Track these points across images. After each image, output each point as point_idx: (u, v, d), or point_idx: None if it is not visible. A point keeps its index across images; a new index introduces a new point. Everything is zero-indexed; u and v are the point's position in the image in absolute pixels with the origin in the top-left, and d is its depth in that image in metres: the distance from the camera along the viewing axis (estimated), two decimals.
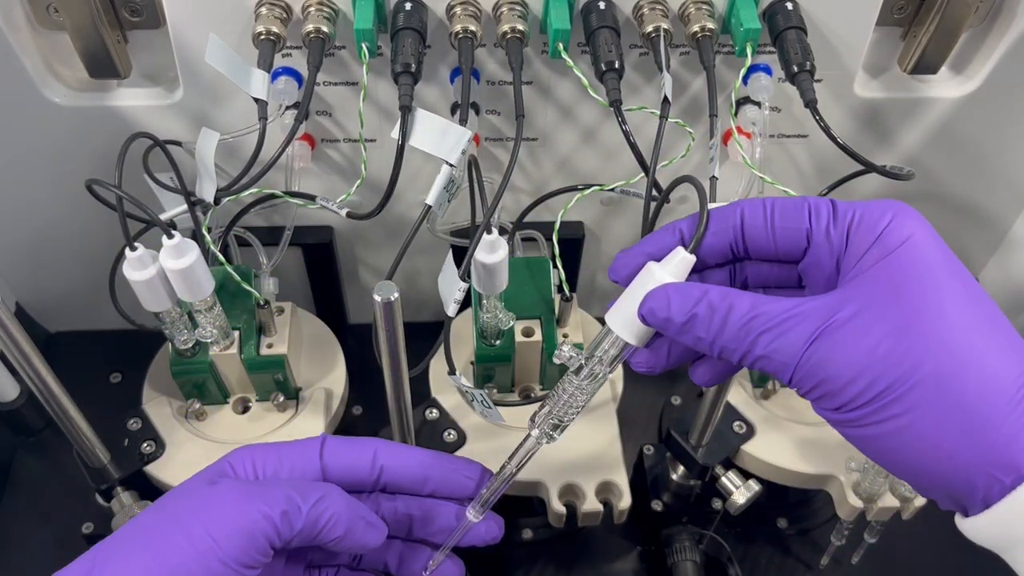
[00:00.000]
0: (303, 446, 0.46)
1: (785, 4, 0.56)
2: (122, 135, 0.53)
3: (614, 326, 0.39)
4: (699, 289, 0.36)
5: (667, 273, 0.37)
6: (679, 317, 0.36)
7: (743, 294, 0.36)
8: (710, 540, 0.68)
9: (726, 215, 0.37)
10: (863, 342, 0.33)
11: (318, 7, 0.54)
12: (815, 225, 0.36)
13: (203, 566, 0.39)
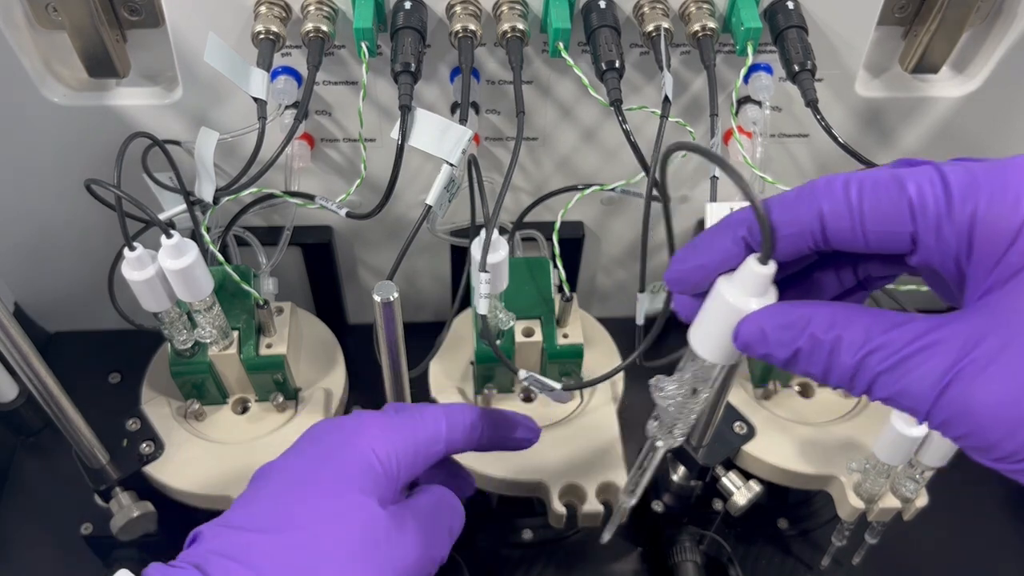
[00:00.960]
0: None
1: (786, 3, 0.56)
2: (121, 135, 0.53)
3: (702, 352, 0.32)
4: (798, 316, 0.29)
5: (746, 295, 0.30)
6: (780, 353, 0.30)
7: (853, 317, 0.28)
8: (711, 541, 0.68)
9: (800, 216, 0.29)
10: (1018, 386, 0.26)
11: (317, 6, 0.54)
12: (921, 226, 0.28)
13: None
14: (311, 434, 0.46)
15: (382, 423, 0.45)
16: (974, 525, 0.73)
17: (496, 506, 0.71)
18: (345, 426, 0.45)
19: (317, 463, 0.43)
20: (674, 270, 0.33)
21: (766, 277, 0.29)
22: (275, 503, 0.42)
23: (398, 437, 0.45)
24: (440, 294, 0.81)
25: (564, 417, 0.65)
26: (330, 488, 0.42)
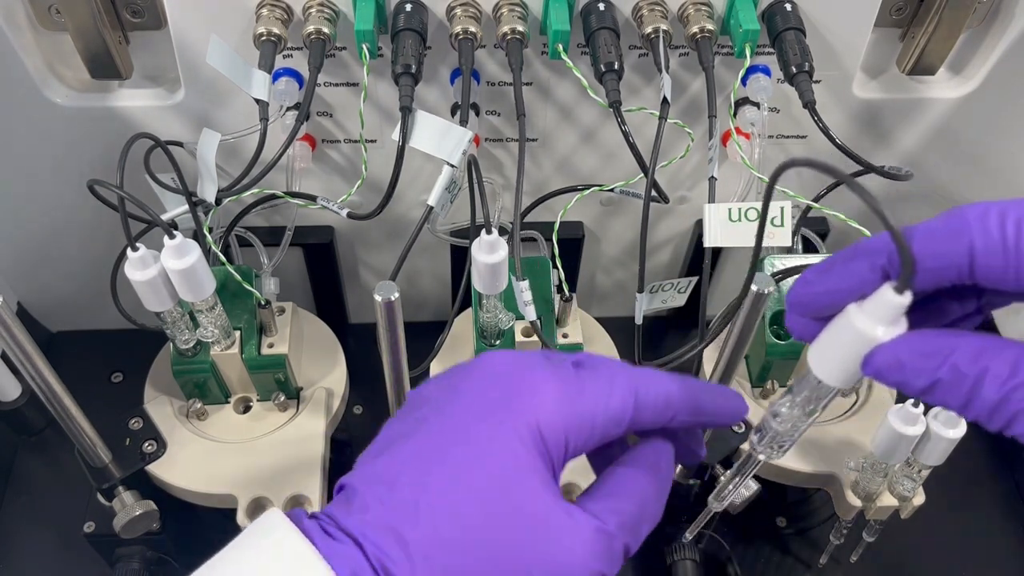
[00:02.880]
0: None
1: (784, 5, 0.57)
2: (123, 136, 0.54)
3: (823, 376, 0.32)
4: (940, 346, 0.28)
5: (877, 323, 0.29)
6: (918, 383, 0.28)
7: (999, 349, 0.27)
8: (709, 539, 0.69)
9: (947, 249, 0.28)
10: None
11: (319, 8, 0.55)
12: None
13: None
14: (479, 376, 0.37)
15: (559, 393, 0.35)
16: (971, 523, 0.73)
17: None
18: (515, 384, 0.35)
19: (471, 423, 0.35)
20: (800, 293, 0.32)
21: (901, 307, 0.28)
22: (423, 468, 0.34)
23: (574, 414, 0.35)
24: (440, 294, 0.81)
25: None
26: (481, 464, 0.33)
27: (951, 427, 0.53)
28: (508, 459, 0.33)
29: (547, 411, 0.34)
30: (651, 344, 0.66)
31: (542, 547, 0.33)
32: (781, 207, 0.52)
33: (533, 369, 0.36)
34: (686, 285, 0.69)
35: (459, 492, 0.33)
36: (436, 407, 0.36)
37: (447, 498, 0.33)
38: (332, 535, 0.33)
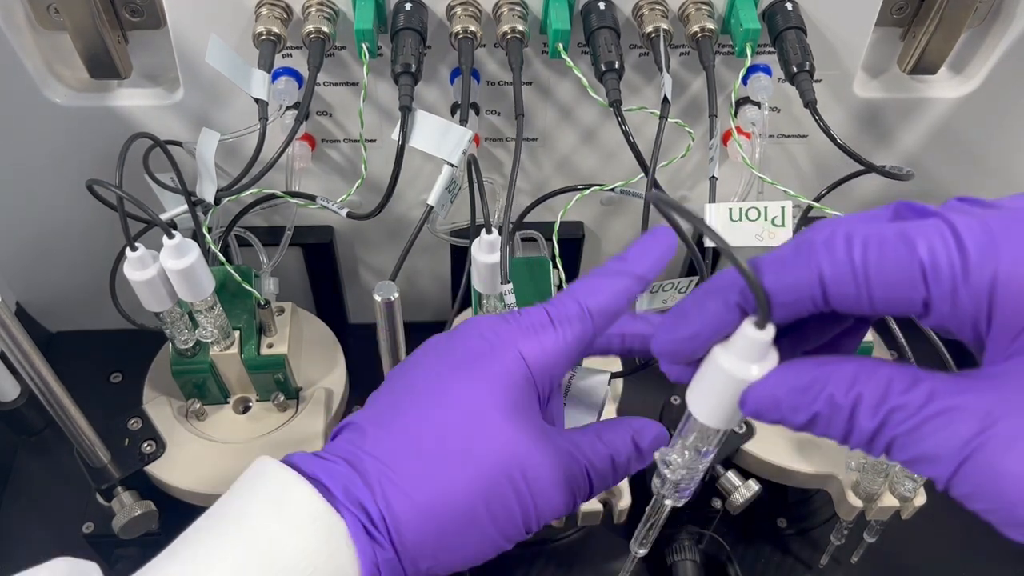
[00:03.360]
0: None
1: (785, 4, 0.57)
2: (122, 135, 0.53)
3: (705, 419, 0.31)
4: (814, 378, 0.27)
5: (746, 362, 0.28)
6: (797, 419, 0.28)
7: (872, 373, 0.27)
8: (710, 540, 0.68)
9: (798, 280, 0.27)
10: None
11: (318, 7, 0.54)
12: (935, 292, 0.25)
13: None
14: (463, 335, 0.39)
15: (536, 339, 0.38)
16: (972, 524, 0.72)
17: None
18: (498, 334, 0.38)
19: (461, 374, 0.38)
20: (663, 340, 0.31)
21: (765, 343, 0.28)
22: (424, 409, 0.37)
23: (548, 351, 0.38)
24: (440, 294, 0.81)
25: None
26: (469, 408, 0.37)
27: None
28: (492, 393, 0.36)
29: (527, 353, 0.37)
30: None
31: (521, 469, 0.36)
32: (782, 207, 0.52)
33: (509, 322, 0.38)
34: (686, 285, 0.68)
35: (443, 422, 0.36)
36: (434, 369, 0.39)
37: (430, 432, 0.36)
38: (323, 456, 0.37)
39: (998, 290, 0.25)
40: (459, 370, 0.37)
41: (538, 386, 0.38)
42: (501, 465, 0.36)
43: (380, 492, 0.35)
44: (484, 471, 0.36)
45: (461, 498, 0.35)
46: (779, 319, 0.28)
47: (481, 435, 0.36)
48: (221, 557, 0.34)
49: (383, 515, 0.35)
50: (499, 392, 0.36)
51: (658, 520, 0.41)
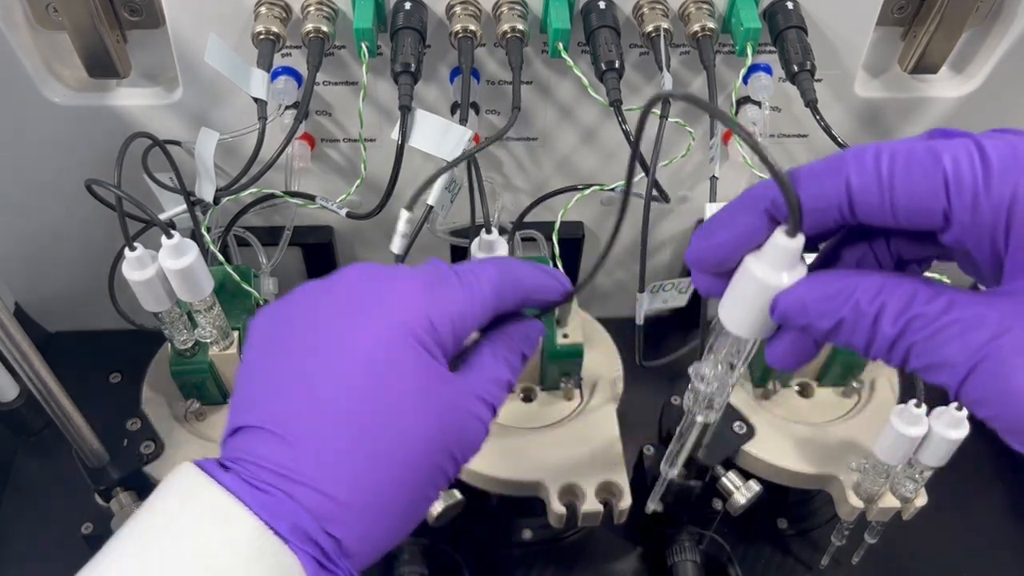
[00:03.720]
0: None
1: (785, 3, 0.56)
2: (121, 135, 0.53)
3: (736, 329, 0.32)
4: (843, 286, 0.29)
5: (777, 270, 0.29)
6: (823, 324, 0.29)
7: (897, 284, 0.28)
8: (710, 540, 0.68)
9: (827, 189, 0.28)
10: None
11: (318, 7, 0.54)
12: (956, 202, 0.27)
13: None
14: (344, 289, 0.37)
15: (428, 289, 0.37)
16: (973, 524, 0.73)
17: (496, 506, 0.71)
18: (384, 287, 0.37)
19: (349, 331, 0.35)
20: (696, 247, 0.31)
21: (795, 250, 0.29)
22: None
23: (443, 301, 0.37)
24: None
25: (564, 417, 0.65)
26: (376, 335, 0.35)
27: (954, 428, 0.53)
28: (390, 353, 0.34)
29: (423, 304, 0.36)
30: (652, 344, 0.66)
31: (429, 411, 0.34)
32: None
33: (391, 272, 0.37)
34: (687, 285, 0.68)
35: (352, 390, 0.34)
36: (310, 339, 0.36)
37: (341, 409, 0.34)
38: (260, 488, 0.33)
39: (1018, 203, 0.26)
40: (361, 331, 0.35)
41: (442, 340, 0.36)
42: (430, 439, 0.35)
43: (328, 523, 0.33)
44: (418, 450, 0.35)
45: (402, 492, 0.35)
46: (808, 229, 0.28)
47: (404, 413, 0.34)
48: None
49: (335, 547, 0.33)
50: (410, 357, 0.35)
51: (688, 439, 0.42)
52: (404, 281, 0.36)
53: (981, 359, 0.26)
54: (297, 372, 0.35)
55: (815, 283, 0.29)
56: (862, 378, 0.66)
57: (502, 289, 0.38)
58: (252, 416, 0.35)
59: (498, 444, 0.62)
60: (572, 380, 0.65)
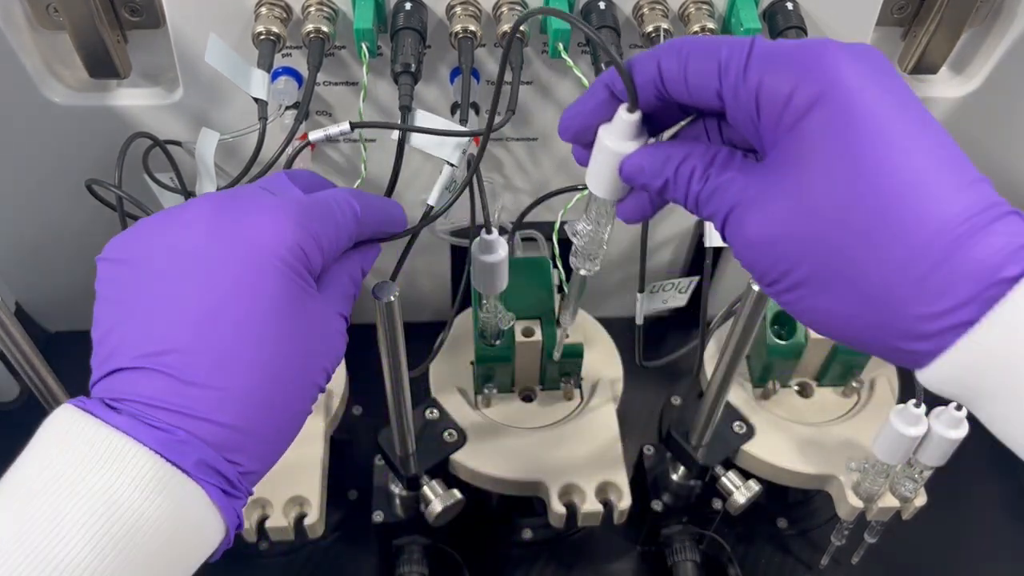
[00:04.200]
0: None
1: (785, 4, 0.56)
2: (122, 135, 0.53)
3: (596, 190, 0.39)
4: (668, 154, 0.35)
5: (622, 139, 0.36)
6: (655, 183, 0.36)
7: (705, 154, 0.35)
8: (710, 540, 0.68)
9: (647, 70, 0.34)
10: (756, 230, 0.32)
11: (318, 7, 0.54)
12: (724, 85, 0.33)
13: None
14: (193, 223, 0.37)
15: (291, 212, 0.37)
16: (972, 524, 0.73)
17: (496, 506, 0.71)
18: (243, 212, 0.37)
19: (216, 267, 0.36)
20: (562, 120, 0.38)
21: (635, 123, 0.35)
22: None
23: (310, 220, 0.38)
24: (440, 294, 0.81)
25: (564, 417, 0.65)
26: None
27: (953, 428, 0.53)
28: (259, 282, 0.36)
29: (293, 233, 0.37)
30: (652, 344, 0.66)
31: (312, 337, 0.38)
32: None
33: (258, 202, 0.37)
34: (687, 285, 0.69)
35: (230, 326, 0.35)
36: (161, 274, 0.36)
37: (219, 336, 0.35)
38: (160, 428, 0.33)
39: (763, 88, 0.32)
40: (233, 262, 0.36)
41: (311, 266, 0.38)
42: (306, 354, 0.37)
43: (229, 452, 0.35)
44: (295, 364, 0.37)
45: (287, 407, 0.37)
46: (642, 105, 0.35)
47: (281, 336, 0.36)
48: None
49: (237, 473, 0.35)
50: (282, 283, 0.36)
51: (577, 292, 0.51)
52: (271, 211, 0.37)
53: (729, 211, 0.33)
54: (171, 307, 0.35)
55: (650, 151, 0.36)
56: (861, 378, 0.66)
57: (363, 222, 0.41)
58: (128, 356, 0.34)
59: (498, 444, 0.62)
60: (572, 380, 0.65)
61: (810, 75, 0.31)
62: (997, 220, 0.30)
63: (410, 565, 0.64)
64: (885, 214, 0.30)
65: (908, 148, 0.30)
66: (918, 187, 0.30)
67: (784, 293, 0.33)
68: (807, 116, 0.31)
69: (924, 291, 0.30)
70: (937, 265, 0.29)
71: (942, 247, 0.29)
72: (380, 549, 0.66)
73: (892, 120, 0.31)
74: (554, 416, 0.65)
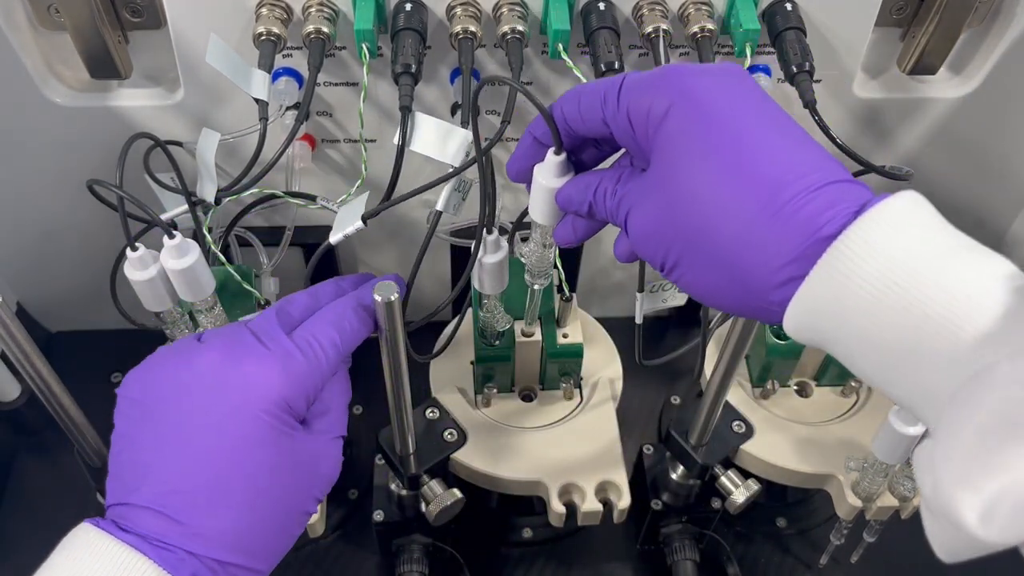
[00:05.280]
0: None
1: (784, 4, 0.57)
2: (123, 135, 0.53)
3: (537, 219, 0.46)
4: (586, 182, 0.42)
5: (552, 176, 0.43)
6: (583, 207, 0.42)
7: (609, 177, 0.41)
8: (709, 539, 0.68)
9: (555, 112, 0.42)
10: (639, 226, 0.39)
11: (319, 8, 0.54)
12: (606, 112, 0.39)
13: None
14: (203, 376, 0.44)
15: (283, 371, 0.44)
16: None
17: (496, 505, 0.71)
18: (240, 376, 0.44)
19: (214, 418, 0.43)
20: (507, 166, 0.45)
21: (561, 161, 0.43)
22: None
23: (298, 377, 0.45)
24: (440, 294, 0.81)
25: (564, 417, 0.65)
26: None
27: None
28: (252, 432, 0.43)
29: (278, 388, 0.44)
30: (651, 343, 0.66)
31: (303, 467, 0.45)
32: None
33: (250, 358, 0.44)
34: None
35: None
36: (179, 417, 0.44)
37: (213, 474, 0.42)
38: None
39: (631, 111, 0.38)
40: (226, 416, 0.43)
41: (296, 411, 0.45)
42: (297, 491, 0.45)
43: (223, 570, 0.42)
44: (286, 503, 0.44)
45: (279, 535, 0.45)
46: (568, 144, 0.43)
47: (272, 483, 0.43)
48: None
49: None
50: (268, 434, 0.43)
51: (535, 303, 0.60)
52: (258, 365, 0.44)
53: (625, 216, 0.40)
54: (169, 451, 0.43)
55: (574, 181, 0.43)
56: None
57: (344, 350, 0.47)
58: (135, 495, 0.42)
59: (498, 444, 0.62)
60: (572, 380, 0.65)
61: (663, 91, 0.37)
62: (828, 185, 0.34)
63: (410, 564, 0.64)
64: (728, 190, 0.35)
65: (747, 135, 0.36)
66: (755, 164, 0.35)
67: (669, 275, 0.39)
68: (663, 123, 0.37)
69: (764, 252, 0.35)
70: (771, 227, 0.34)
71: (774, 211, 0.34)
72: (380, 548, 0.66)
73: (735, 116, 0.36)
74: (554, 416, 0.65)
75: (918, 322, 0.32)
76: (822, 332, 0.35)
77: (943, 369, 0.32)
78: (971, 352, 0.31)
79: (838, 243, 0.33)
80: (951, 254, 0.33)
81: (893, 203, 0.34)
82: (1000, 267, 0.33)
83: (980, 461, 0.29)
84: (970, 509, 0.29)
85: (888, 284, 0.33)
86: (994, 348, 0.31)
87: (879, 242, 0.33)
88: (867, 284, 0.33)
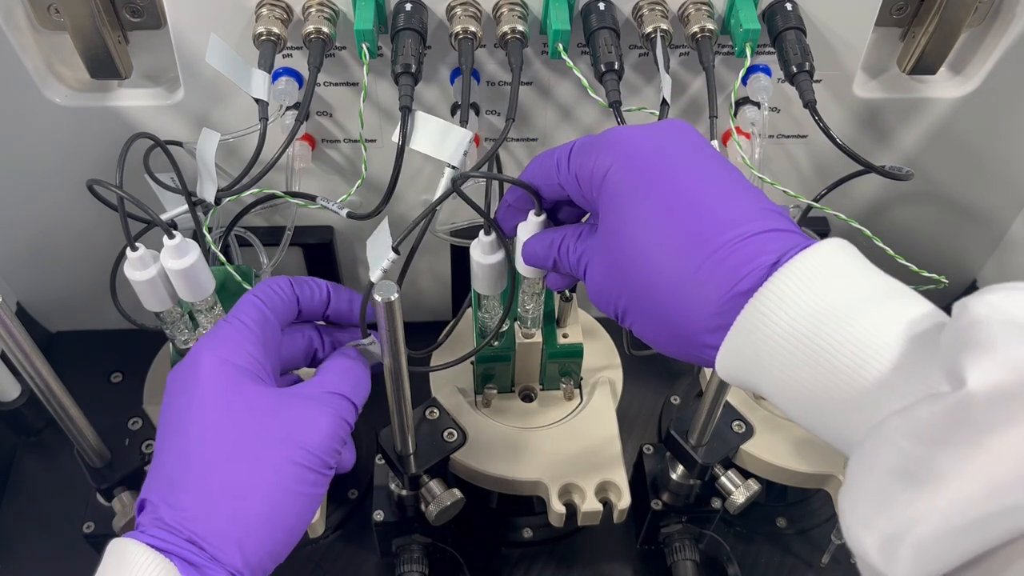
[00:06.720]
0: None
1: (784, 4, 0.57)
2: (123, 135, 0.53)
3: (522, 272, 0.51)
4: (550, 239, 0.45)
5: (526, 233, 0.47)
6: (548, 263, 0.46)
7: (572, 236, 0.44)
8: (709, 539, 0.68)
9: (525, 178, 0.46)
10: (591, 280, 0.42)
11: (319, 8, 0.55)
12: (560, 176, 0.43)
13: None
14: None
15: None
16: None
17: (496, 505, 0.71)
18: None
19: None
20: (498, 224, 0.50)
21: (541, 222, 0.47)
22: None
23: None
24: (440, 294, 0.81)
25: (564, 417, 0.65)
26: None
27: None
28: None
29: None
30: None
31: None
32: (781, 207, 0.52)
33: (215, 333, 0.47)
34: None
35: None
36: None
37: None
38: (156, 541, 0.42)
39: (580, 173, 0.41)
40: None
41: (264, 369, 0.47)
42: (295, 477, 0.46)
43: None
44: (281, 472, 0.45)
45: (291, 525, 0.45)
46: (526, 204, 0.47)
47: (261, 448, 0.45)
48: None
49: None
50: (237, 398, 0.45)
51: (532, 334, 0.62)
52: (210, 350, 0.46)
53: (584, 272, 0.43)
54: (170, 451, 0.45)
55: (538, 237, 0.46)
56: None
57: (270, 310, 0.49)
58: (152, 490, 0.44)
59: (498, 444, 0.62)
60: (572, 380, 0.65)
61: (605, 152, 0.40)
62: (754, 236, 0.36)
63: (410, 564, 0.64)
64: (661, 244, 0.37)
65: (681, 192, 0.38)
66: (684, 219, 0.37)
67: (622, 323, 0.41)
68: (605, 181, 0.39)
69: (694, 304, 0.37)
70: (698, 280, 0.36)
71: (700, 264, 0.36)
72: (380, 548, 0.66)
73: (670, 173, 0.38)
74: (554, 416, 0.65)
75: (826, 373, 0.34)
76: (747, 380, 0.37)
77: (852, 417, 0.34)
78: (872, 402, 0.33)
79: (753, 299, 0.35)
80: (861, 304, 0.34)
81: (807, 256, 0.35)
82: (913, 312, 0.34)
83: (881, 507, 0.31)
84: (874, 550, 0.31)
85: (798, 337, 0.34)
86: (893, 396, 0.32)
87: (789, 296, 0.34)
88: (778, 338, 0.35)
